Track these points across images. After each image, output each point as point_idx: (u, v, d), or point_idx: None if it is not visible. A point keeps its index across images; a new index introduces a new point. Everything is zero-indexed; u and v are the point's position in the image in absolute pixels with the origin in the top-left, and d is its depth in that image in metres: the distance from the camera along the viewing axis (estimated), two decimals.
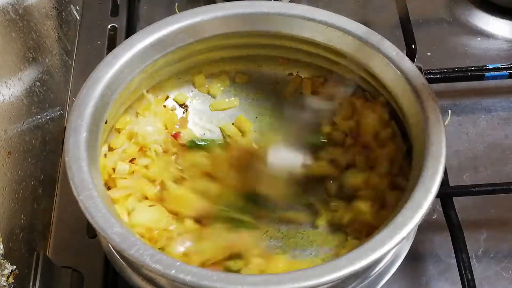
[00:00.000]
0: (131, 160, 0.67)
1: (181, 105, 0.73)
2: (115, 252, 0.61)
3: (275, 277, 0.52)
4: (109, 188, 0.64)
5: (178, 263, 0.52)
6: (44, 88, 0.74)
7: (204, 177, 0.68)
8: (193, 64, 0.72)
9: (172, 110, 0.72)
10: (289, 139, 0.68)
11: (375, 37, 0.65)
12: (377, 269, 0.60)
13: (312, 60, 0.72)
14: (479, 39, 0.87)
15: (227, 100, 0.74)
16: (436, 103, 0.61)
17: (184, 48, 0.68)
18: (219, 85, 0.74)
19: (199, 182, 0.67)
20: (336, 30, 0.66)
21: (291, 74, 0.74)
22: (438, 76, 0.78)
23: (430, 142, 0.58)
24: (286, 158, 0.67)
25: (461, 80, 0.79)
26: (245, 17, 0.68)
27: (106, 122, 0.63)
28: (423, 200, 0.55)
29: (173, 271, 0.51)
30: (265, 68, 0.74)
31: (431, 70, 0.79)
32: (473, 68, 0.79)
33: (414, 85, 0.62)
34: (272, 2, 0.69)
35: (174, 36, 0.66)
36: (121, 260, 0.61)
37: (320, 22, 0.67)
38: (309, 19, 0.67)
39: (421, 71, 0.64)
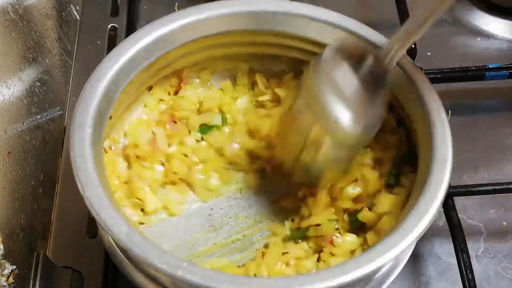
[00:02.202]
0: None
1: None
2: (117, 249, 0.61)
3: (283, 280, 0.52)
4: None
5: (185, 264, 0.51)
6: (44, 88, 0.74)
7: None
8: (195, 61, 0.72)
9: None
10: None
11: (379, 38, 0.65)
12: (380, 273, 0.60)
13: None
14: (479, 39, 0.87)
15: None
16: (441, 106, 0.61)
17: (187, 45, 0.68)
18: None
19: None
20: (340, 30, 0.66)
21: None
22: (438, 76, 0.78)
23: (436, 147, 0.58)
24: None
25: (461, 80, 0.79)
26: (248, 15, 0.68)
27: (110, 118, 0.63)
28: (429, 207, 0.55)
29: (180, 272, 0.51)
30: (269, 66, 0.74)
31: (431, 70, 0.78)
32: (473, 68, 0.79)
33: (418, 87, 0.62)
34: (275, 1, 0.69)
35: (178, 33, 0.66)
36: (123, 257, 0.61)
37: (325, 22, 0.67)
38: (313, 19, 0.67)
39: (422, 71, 0.64)
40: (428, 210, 0.55)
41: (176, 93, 0.72)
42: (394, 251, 0.53)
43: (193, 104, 0.72)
